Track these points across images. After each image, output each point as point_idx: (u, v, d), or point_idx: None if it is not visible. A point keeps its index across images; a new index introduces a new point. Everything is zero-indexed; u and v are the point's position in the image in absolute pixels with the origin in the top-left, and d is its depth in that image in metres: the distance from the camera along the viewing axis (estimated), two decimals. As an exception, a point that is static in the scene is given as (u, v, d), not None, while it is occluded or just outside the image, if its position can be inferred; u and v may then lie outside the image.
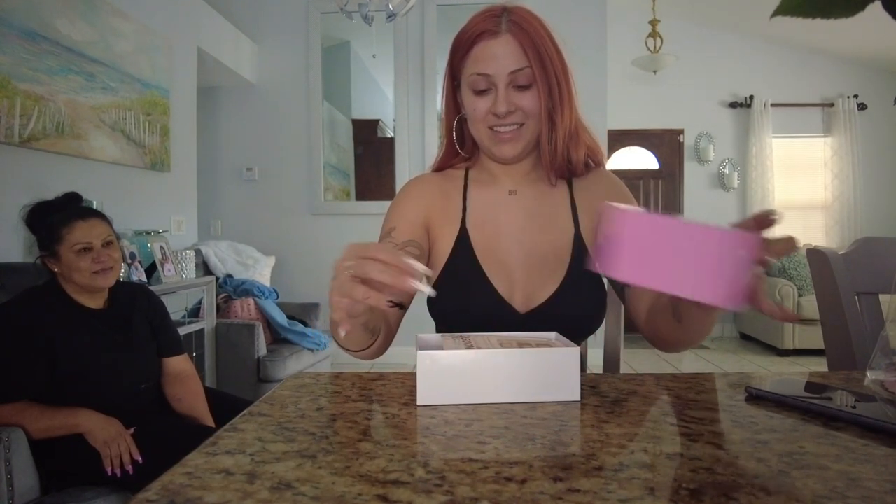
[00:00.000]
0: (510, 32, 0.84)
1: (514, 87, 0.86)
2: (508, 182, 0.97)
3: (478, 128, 0.90)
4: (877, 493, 0.38)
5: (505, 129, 0.88)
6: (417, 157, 4.14)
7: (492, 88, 0.86)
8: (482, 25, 0.86)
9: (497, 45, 0.85)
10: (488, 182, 0.98)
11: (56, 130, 2.24)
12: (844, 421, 0.52)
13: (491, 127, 0.89)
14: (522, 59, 0.84)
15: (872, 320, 0.96)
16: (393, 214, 0.95)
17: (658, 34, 4.44)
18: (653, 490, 0.39)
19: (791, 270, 4.50)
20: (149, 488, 0.39)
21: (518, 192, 0.97)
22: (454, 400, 0.59)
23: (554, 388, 0.60)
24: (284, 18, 4.16)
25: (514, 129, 0.88)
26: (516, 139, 0.89)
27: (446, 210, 0.96)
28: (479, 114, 0.88)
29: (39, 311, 1.43)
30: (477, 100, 0.88)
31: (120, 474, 1.35)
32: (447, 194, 0.97)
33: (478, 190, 0.97)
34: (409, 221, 0.93)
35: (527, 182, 0.97)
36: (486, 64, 0.85)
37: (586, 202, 0.96)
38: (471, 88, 0.88)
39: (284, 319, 3.12)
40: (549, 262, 0.91)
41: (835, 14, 0.47)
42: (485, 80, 0.86)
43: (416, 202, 0.96)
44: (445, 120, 0.99)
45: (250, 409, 0.58)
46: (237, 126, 4.23)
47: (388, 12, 2.85)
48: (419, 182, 1.00)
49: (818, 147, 5.28)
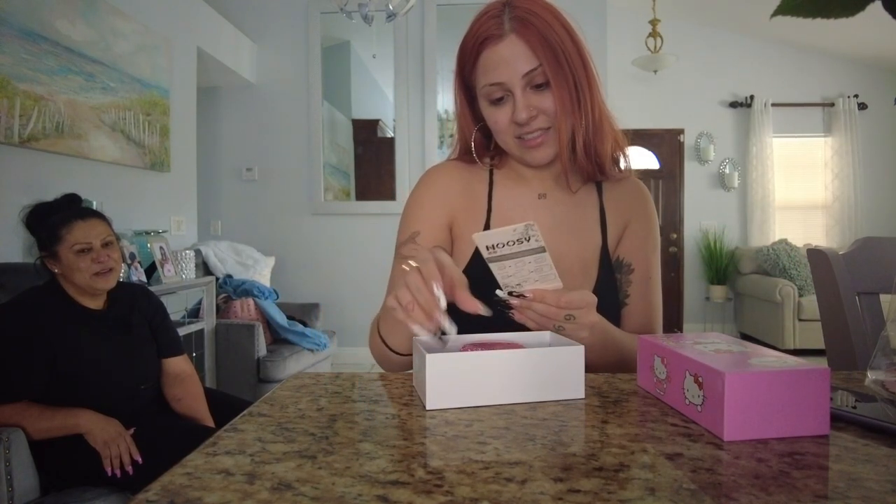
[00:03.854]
0: (515, 32, 0.77)
1: (532, 89, 0.79)
2: (538, 184, 0.91)
3: (504, 139, 0.85)
4: (877, 493, 0.38)
5: (532, 136, 0.81)
6: (417, 157, 4.14)
7: (508, 96, 0.80)
8: (484, 30, 0.79)
9: (503, 49, 0.78)
10: (516, 183, 0.92)
11: (56, 130, 2.24)
12: (844, 421, 0.52)
13: (517, 136, 0.82)
14: (533, 58, 0.77)
15: (873, 320, 0.96)
16: (416, 213, 0.90)
17: (658, 34, 4.44)
18: (653, 490, 0.39)
19: (791, 270, 4.50)
20: (149, 488, 0.39)
21: (548, 195, 0.91)
22: (464, 402, 0.58)
23: (560, 387, 0.60)
24: (284, 18, 4.16)
25: (541, 133, 0.81)
26: (545, 143, 0.82)
27: (471, 209, 0.91)
28: (502, 125, 0.82)
29: (39, 311, 1.43)
30: (496, 111, 0.82)
31: (120, 475, 1.35)
32: (472, 191, 0.91)
33: (505, 190, 0.92)
34: (433, 224, 0.89)
35: (556, 185, 0.91)
36: (496, 72, 0.79)
37: (615, 213, 0.92)
38: (487, 100, 0.82)
39: (284, 320, 3.12)
40: (575, 273, 0.87)
41: (835, 14, 0.47)
42: (499, 88, 0.80)
43: (439, 200, 0.90)
44: (461, 133, 0.92)
45: (250, 409, 0.58)
46: (237, 126, 4.23)
47: (388, 12, 2.85)
48: (442, 174, 0.92)
49: (818, 147, 5.28)
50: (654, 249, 0.93)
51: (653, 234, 0.93)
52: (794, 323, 4.31)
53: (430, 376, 0.57)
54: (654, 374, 0.60)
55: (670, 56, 4.41)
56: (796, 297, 4.33)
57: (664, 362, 0.58)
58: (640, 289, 0.91)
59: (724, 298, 5.15)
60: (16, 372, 1.37)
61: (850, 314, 0.96)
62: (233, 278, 3.16)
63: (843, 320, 0.96)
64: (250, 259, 3.53)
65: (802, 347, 4.25)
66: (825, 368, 0.48)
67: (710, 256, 5.12)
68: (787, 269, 4.52)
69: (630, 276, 0.91)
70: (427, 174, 0.93)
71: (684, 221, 5.22)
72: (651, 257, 0.92)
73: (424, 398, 0.58)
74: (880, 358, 0.61)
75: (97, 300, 1.55)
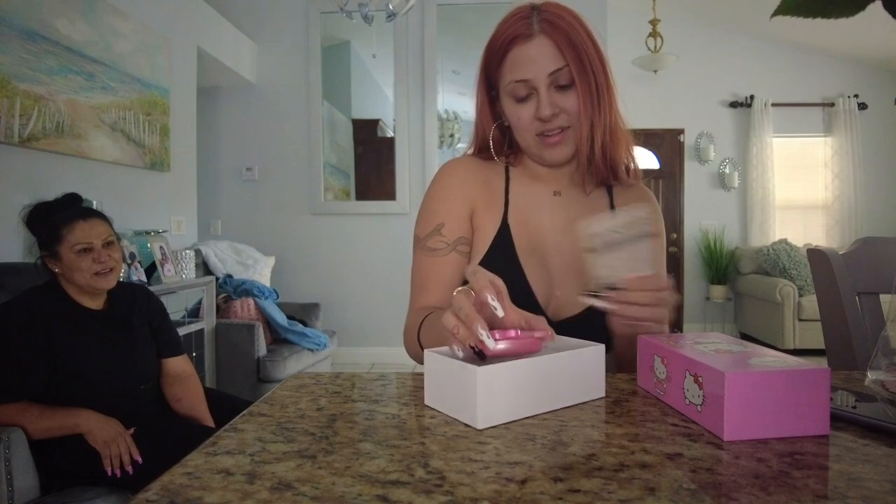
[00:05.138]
0: (543, 33, 0.81)
1: (556, 88, 0.82)
2: (553, 183, 0.93)
3: (524, 136, 0.87)
4: (877, 493, 0.38)
5: (552, 134, 0.84)
6: (417, 157, 4.14)
7: (533, 94, 0.83)
8: (513, 29, 0.82)
9: (532, 48, 0.81)
10: (532, 180, 0.94)
11: (56, 130, 2.24)
12: (844, 421, 0.52)
13: (538, 133, 0.85)
14: (559, 58, 0.80)
15: (873, 320, 0.96)
16: (439, 206, 0.91)
17: (658, 34, 4.44)
18: (653, 490, 0.39)
19: (791, 270, 4.50)
20: (149, 488, 0.39)
21: (563, 193, 0.93)
22: (512, 416, 0.53)
23: (589, 387, 0.60)
24: (284, 18, 4.16)
25: (560, 132, 0.84)
26: (564, 142, 0.85)
27: (490, 200, 0.92)
28: (525, 122, 0.85)
29: (39, 311, 1.43)
30: (520, 108, 0.84)
31: (120, 474, 1.35)
32: (490, 183, 0.93)
33: (521, 186, 0.93)
34: (456, 216, 0.90)
35: (571, 184, 0.94)
36: (523, 69, 0.81)
37: None
38: (511, 96, 0.85)
39: (284, 319, 3.12)
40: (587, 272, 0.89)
41: (835, 14, 0.47)
42: (524, 85, 0.82)
43: (460, 191, 0.91)
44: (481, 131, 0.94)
45: (250, 409, 0.58)
46: (237, 126, 4.23)
47: (388, 12, 2.85)
48: (461, 167, 0.94)
49: (819, 147, 5.27)
50: (662, 253, 0.95)
51: (660, 239, 0.95)
52: (794, 323, 4.31)
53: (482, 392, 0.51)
54: (654, 374, 0.60)
55: (670, 56, 4.41)
56: (796, 297, 4.32)
57: (664, 362, 0.58)
58: None
59: (724, 298, 5.15)
60: (16, 372, 1.37)
61: (850, 314, 0.96)
62: (233, 278, 3.16)
63: (843, 320, 0.96)
64: (250, 259, 3.53)
65: (802, 347, 4.25)
66: (826, 369, 0.48)
67: (710, 256, 5.12)
68: (787, 269, 4.52)
69: None
70: (446, 167, 0.95)
71: (684, 221, 5.22)
72: (659, 260, 0.94)
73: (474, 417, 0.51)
74: (880, 358, 0.61)
75: (97, 300, 1.55)
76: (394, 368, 3.96)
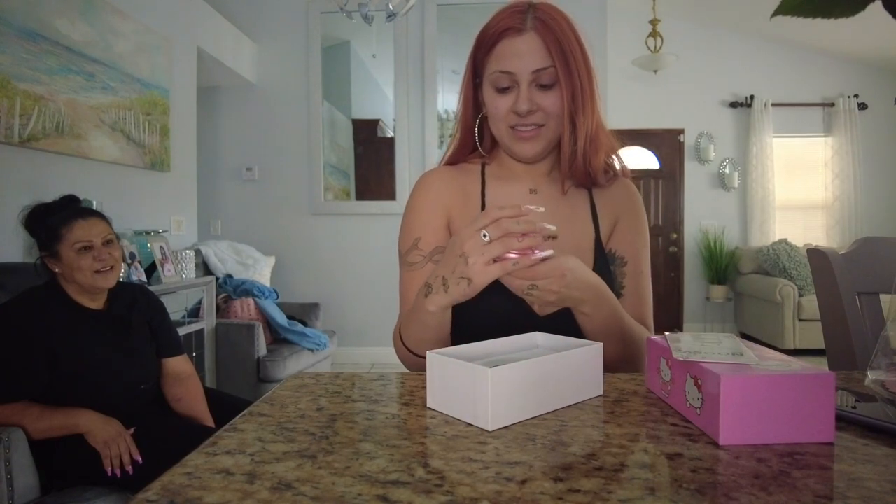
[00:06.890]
0: (535, 30, 0.82)
1: (537, 86, 0.84)
2: (528, 180, 0.95)
3: (498, 126, 0.88)
4: (877, 493, 0.38)
5: (525, 129, 0.86)
6: (417, 157, 4.14)
7: (514, 86, 0.84)
8: (507, 22, 0.83)
9: (521, 43, 0.82)
10: (507, 179, 0.95)
11: (56, 130, 2.24)
12: (844, 421, 0.52)
13: (511, 126, 0.86)
14: (546, 58, 0.82)
15: (873, 320, 0.96)
16: (415, 220, 0.92)
17: (658, 34, 4.44)
18: (653, 490, 0.39)
19: (791, 270, 4.50)
20: (149, 488, 0.39)
21: (539, 190, 0.94)
22: (519, 417, 0.53)
23: (588, 386, 0.60)
24: (284, 18, 4.16)
25: (535, 128, 0.85)
26: (536, 138, 0.86)
27: (466, 206, 0.93)
28: (501, 112, 0.86)
29: (39, 311, 1.43)
30: (499, 97, 0.86)
31: (120, 474, 1.35)
32: (465, 190, 0.94)
33: (496, 186, 0.95)
34: (433, 228, 0.91)
35: (547, 182, 0.95)
36: (509, 61, 0.83)
37: (605, 209, 0.95)
38: (493, 86, 0.86)
39: (284, 319, 3.12)
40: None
41: (835, 14, 0.47)
42: (507, 77, 0.84)
43: (435, 203, 0.93)
44: (463, 117, 0.96)
45: (250, 409, 0.58)
46: (237, 126, 4.23)
47: (388, 12, 2.85)
48: (435, 179, 0.95)
49: (819, 147, 5.28)
50: (645, 245, 0.96)
51: (643, 229, 0.96)
52: (794, 323, 4.31)
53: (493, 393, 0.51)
54: (660, 375, 0.60)
55: (670, 56, 4.41)
56: (796, 297, 4.32)
57: (668, 364, 0.58)
58: (633, 282, 0.93)
59: (724, 298, 5.15)
60: (16, 372, 1.37)
61: (850, 314, 0.96)
62: (233, 278, 3.16)
63: (843, 320, 0.96)
64: (250, 259, 3.53)
65: (802, 347, 4.25)
66: (830, 373, 0.47)
67: (710, 256, 5.12)
68: (787, 269, 4.52)
69: (623, 268, 0.93)
70: (420, 180, 0.97)
71: (684, 221, 5.22)
72: (642, 252, 0.95)
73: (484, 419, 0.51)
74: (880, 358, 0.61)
75: (97, 300, 1.55)
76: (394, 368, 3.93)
